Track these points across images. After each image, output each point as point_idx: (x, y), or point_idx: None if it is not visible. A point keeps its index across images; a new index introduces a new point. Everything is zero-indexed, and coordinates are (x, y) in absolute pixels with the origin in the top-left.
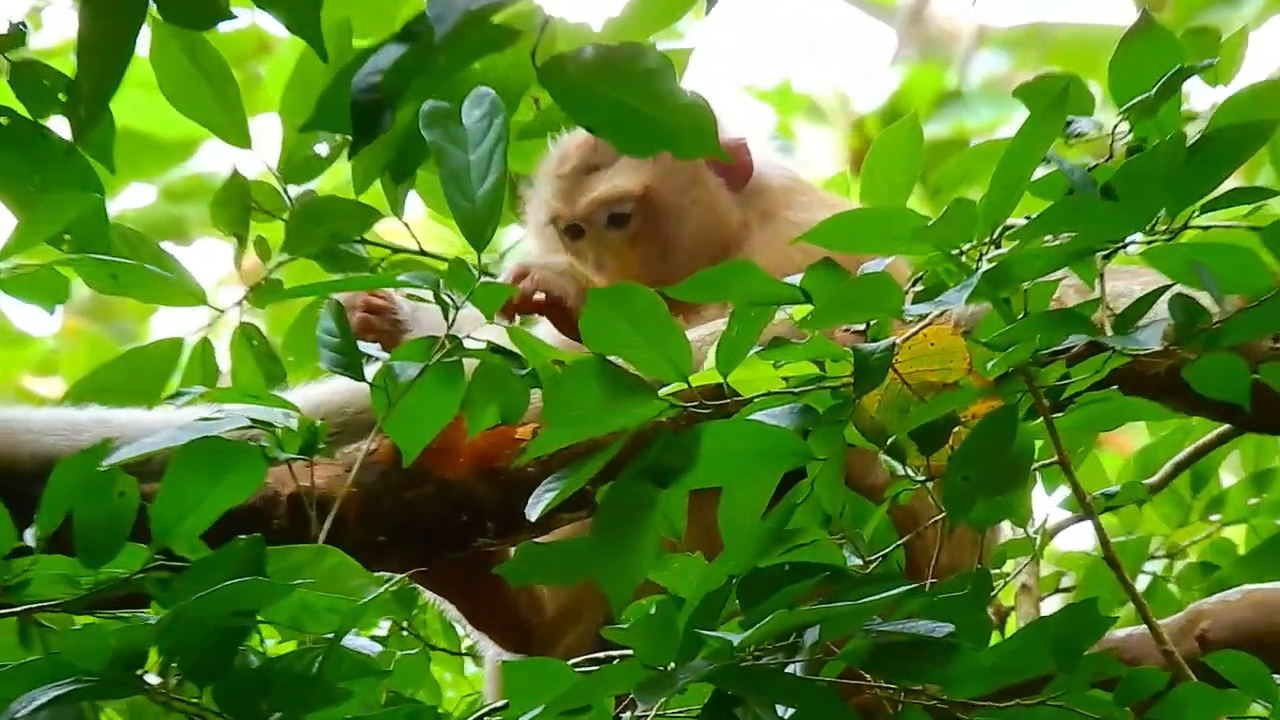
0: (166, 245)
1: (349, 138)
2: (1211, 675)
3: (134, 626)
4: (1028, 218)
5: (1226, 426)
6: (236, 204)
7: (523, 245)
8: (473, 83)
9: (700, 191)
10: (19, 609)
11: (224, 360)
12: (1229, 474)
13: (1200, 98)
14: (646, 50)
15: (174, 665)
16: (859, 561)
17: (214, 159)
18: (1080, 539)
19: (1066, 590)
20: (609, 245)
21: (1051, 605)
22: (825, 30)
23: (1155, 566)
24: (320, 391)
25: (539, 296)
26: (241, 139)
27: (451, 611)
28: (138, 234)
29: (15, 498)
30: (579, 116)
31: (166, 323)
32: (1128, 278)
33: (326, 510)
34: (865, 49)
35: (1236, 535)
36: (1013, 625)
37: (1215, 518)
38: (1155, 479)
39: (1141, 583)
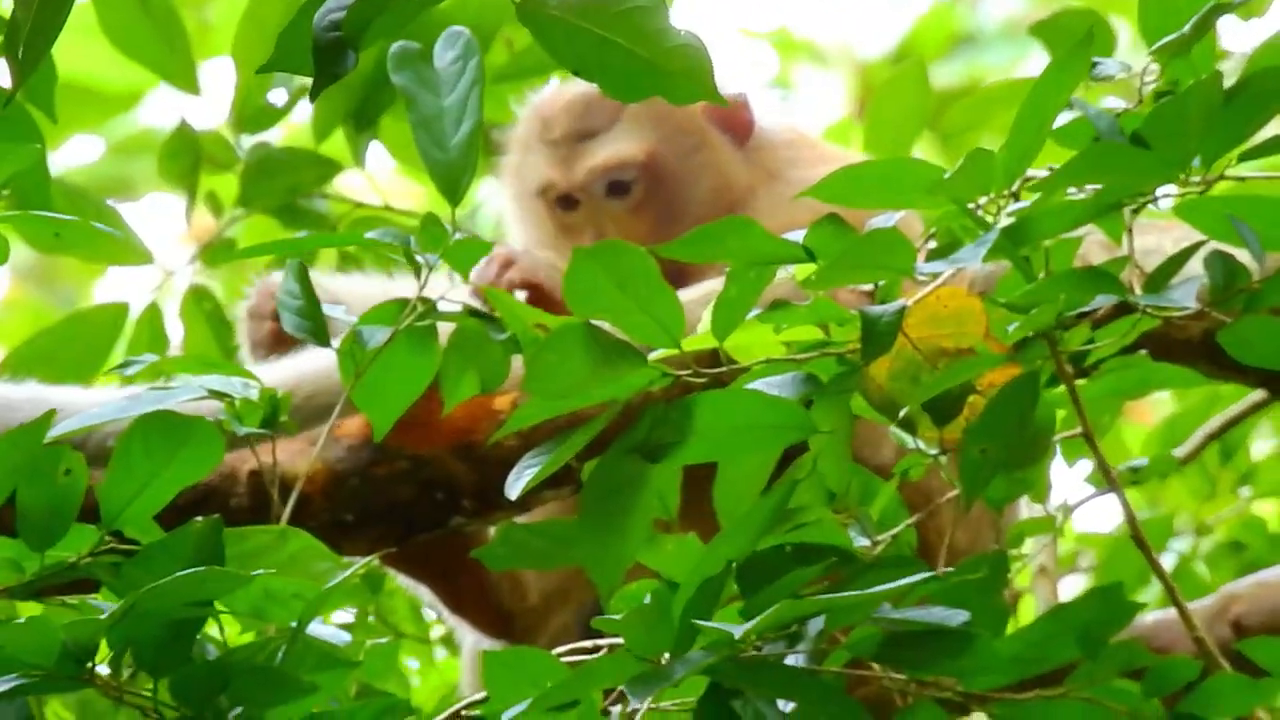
0: (112, 203)
1: (306, 83)
2: (1246, 663)
3: (84, 616)
4: (1050, 168)
5: (1259, 393)
6: (186, 156)
7: (498, 205)
8: (442, 21)
9: (708, 153)
10: None
11: (174, 332)
12: (1262, 443)
13: (1234, 36)
14: None
15: (126, 657)
16: (867, 543)
17: (163, 113)
18: (1095, 516)
19: (1083, 571)
20: (609, 215)
21: (1068, 586)
22: None
23: (1181, 545)
24: (268, 375)
25: (521, 296)
26: (189, 83)
27: (425, 596)
28: (79, 190)
29: None
30: (561, 57)
31: (112, 291)
32: (1158, 233)
33: (289, 489)
34: None
35: (1268, 510)
36: (1026, 609)
37: (1245, 492)
38: (1182, 451)
39: (1166, 562)
